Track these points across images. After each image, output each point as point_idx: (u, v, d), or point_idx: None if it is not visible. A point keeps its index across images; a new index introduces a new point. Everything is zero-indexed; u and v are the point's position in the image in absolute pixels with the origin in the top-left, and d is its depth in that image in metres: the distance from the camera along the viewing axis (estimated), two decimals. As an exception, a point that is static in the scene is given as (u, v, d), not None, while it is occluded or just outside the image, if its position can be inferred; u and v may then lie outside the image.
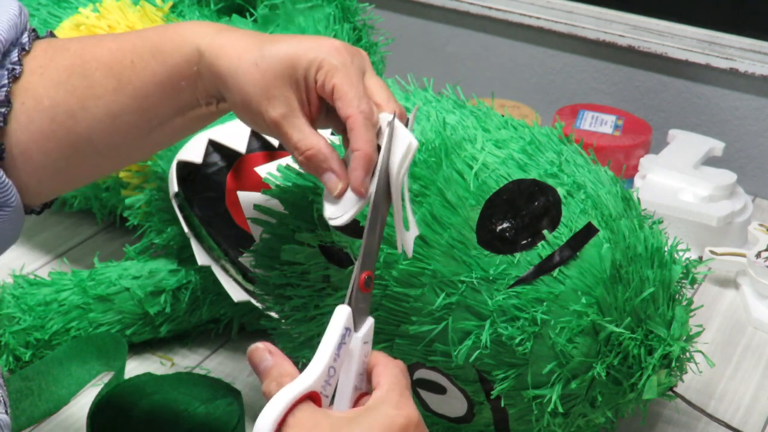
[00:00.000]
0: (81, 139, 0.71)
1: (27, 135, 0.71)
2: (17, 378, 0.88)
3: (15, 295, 0.93)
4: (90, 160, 0.74)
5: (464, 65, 1.51)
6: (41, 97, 0.71)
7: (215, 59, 0.68)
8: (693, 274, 0.81)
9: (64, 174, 0.74)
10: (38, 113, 0.71)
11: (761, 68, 1.29)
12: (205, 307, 0.95)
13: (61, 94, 0.71)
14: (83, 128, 0.71)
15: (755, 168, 1.35)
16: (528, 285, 0.72)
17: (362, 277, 0.64)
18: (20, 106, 0.71)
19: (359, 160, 0.66)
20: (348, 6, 1.04)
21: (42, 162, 0.72)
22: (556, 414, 0.75)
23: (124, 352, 0.90)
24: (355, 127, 0.66)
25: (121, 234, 1.12)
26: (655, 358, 0.75)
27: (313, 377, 0.60)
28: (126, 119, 0.71)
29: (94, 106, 0.71)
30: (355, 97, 0.66)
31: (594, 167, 0.80)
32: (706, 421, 0.89)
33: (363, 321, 0.63)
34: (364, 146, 0.66)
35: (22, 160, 0.71)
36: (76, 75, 0.71)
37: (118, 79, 0.70)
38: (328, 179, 0.68)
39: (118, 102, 0.71)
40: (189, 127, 0.74)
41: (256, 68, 0.67)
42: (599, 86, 1.42)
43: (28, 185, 0.72)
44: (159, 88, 0.70)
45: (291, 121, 0.68)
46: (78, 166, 0.74)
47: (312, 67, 0.67)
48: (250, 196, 0.89)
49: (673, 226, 1.10)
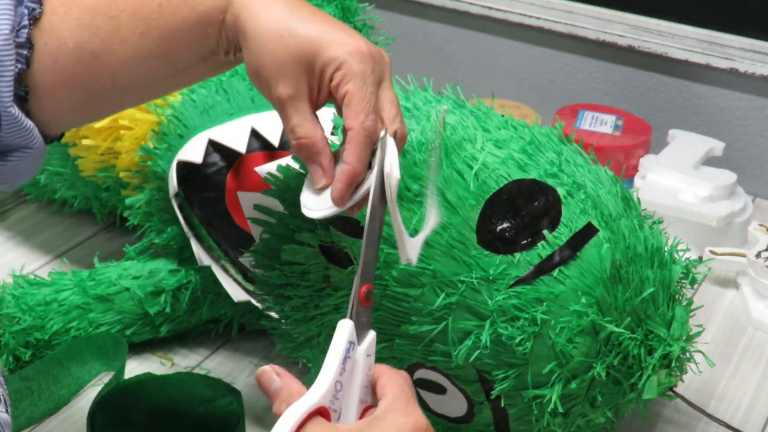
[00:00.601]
0: (105, 80, 0.71)
1: (51, 76, 0.70)
2: (17, 378, 0.88)
3: (15, 295, 0.93)
4: (114, 98, 0.74)
5: (464, 65, 1.51)
6: (65, 38, 0.70)
7: (242, 13, 0.68)
8: (693, 274, 0.81)
9: (88, 109, 0.74)
10: (62, 54, 0.70)
11: (761, 68, 1.29)
12: (205, 307, 0.95)
13: (85, 35, 0.70)
14: (108, 70, 0.71)
15: (755, 168, 1.35)
16: (528, 285, 0.72)
17: (362, 291, 0.64)
18: (43, 46, 0.70)
19: (345, 174, 0.66)
20: (348, 6, 1.04)
21: (67, 100, 0.72)
22: (556, 414, 0.75)
23: (124, 352, 0.90)
24: (353, 141, 0.66)
25: (121, 234, 1.12)
26: (655, 358, 0.75)
27: (320, 393, 0.60)
28: (151, 63, 0.71)
29: (120, 50, 0.70)
30: (362, 111, 0.66)
31: (594, 167, 0.80)
32: (706, 421, 0.89)
33: (365, 334, 0.63)
34: (354, 163, 0.66)
35: (47, 99, 0.71)
36: (101, 16, 0.70)
37: (146, 22, 0.70)
38: (314, 171, 0.68)
39: (144, 46, 0.70)
40: (209, 72, 0.74)
41: (280, 40, 0.67)
42: (599, 86, 1.42)
43: (53, 120, 0.73)
44: (186, 34, 0.70)
45: (296, 103, 0.68)
46: (102, 103, 0.74)
47: (332, 64, 0.67)
48: (250, 196, 0.89)
49: (673, 226, 1.10)
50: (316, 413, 0.59)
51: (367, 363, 0.63)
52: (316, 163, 0.68)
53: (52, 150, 1.07)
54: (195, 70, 0.72)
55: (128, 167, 0.98)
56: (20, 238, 1.13)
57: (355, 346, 0.63)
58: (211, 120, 0.93)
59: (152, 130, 0.96)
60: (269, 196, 0.81)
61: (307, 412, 0.59)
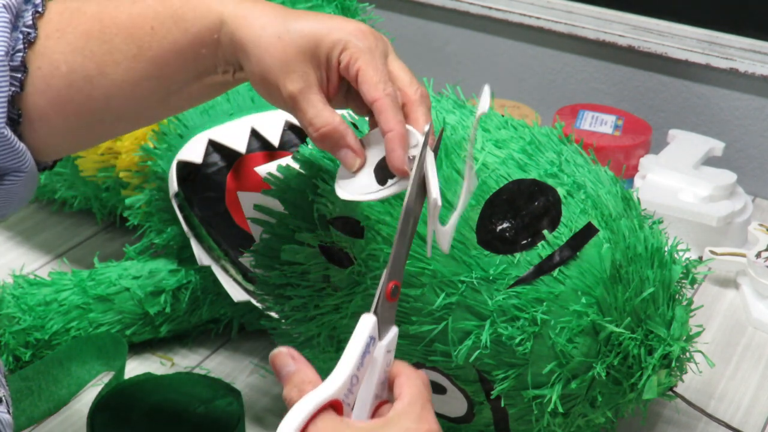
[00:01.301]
0: (99, 104, 0.71)
1: (44, 100, 0.70)
2: (17, 378, 0.88)
3: (15, 295, 0.93)
4: (108, 123, 0.74)
5: (464, 65, 1.51)
6: (58, 62, 0.70)
7: (238, 28, 0.68)
8: (693, 274, 0.81)
9: (82, 135, 0.74)
10: (55, 78, 0.70)
11: (761, 68, 1.29)
12: (205, 307, 0.95)
13: (78, 59, 0.70)
14: (101, 94, 0.71)
15: (755, 168, 1.34)
16: (528, 285, 0.72)
17: (389, 287, 0.63)
18: (36, 70, 0.70)
19: (395, 141, 0.66)
20: (348, 6, 1.04)
21: (60, 125, 0.71)
22: (556, 414, 0.75)
23: (124, 352, 0.90)
24: (384, 109, 0.66)
25: (121, 234, 1.12)
26: (655, 358, 0.75)
27: (336, 385, 0.59)
28: (144, 85, 0.71)
29: (113, 72, 0.70)
30: (380, 81, 0.67)
31: (594, 167, 0.80)
32: (706, 421, 0.89)
33: (387, 330, 0.63)
34: (397, 126, 0.66)
35: (39, 124, 0.71)
36: (94, 40, 0.70)
37: (138, 45, 0.70)
38: (345, 155, 0.68)
39: (138, 68, 0.70)
40: (206, 93, 0.74)
41: (279, 41, 0.67)
42: (599, 86, 1.42)
43: (46, 146, 0.72)
44: (179, 56, 0.70)
45: (307, 96, 0.68)
46: (96, 129, 0.74)
47: (336, 47, 0.67)
48: (250, 196, 0.89)
49: (673, 226, 1.10)
50: (329, 406, 0.59)
51: (386, 359, 0.62)
52: (344, 147, 0.68)
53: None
54: (189, 91, 0.72)
55: (128, 167, 0.98)
56: (20, 238, 1.13)
57: (376, 341, 0.62)
58: (211, 120, 0.93)
59: (152, 130, 0.96)
60: (269, 196, 0.81)
61: (320, 405, 0.58)
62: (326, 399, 0.58)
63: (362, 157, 0.68)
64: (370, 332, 0.61)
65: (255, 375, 0.94)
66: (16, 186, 0.71)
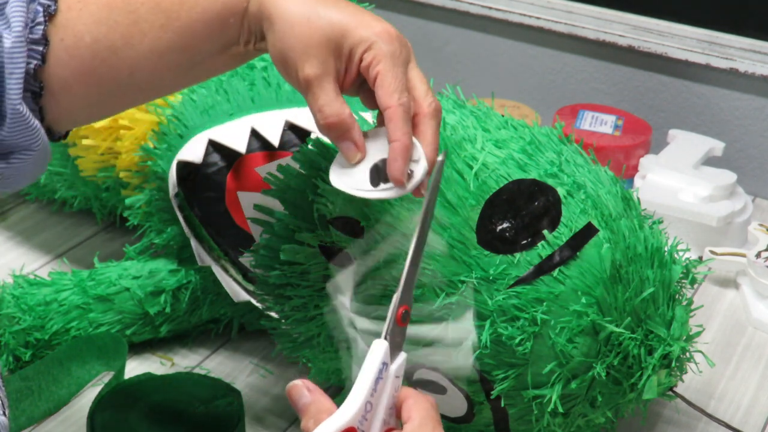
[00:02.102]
0: (123, 74, 0.71)
1: (68, 71, 0.70)
2: (17, 378, 0.88)
3: (15, 295, 0.93)
4: (130, 93, 0.74)
5: (464, 65, 1.51)
6: (82, 33, 0.70)
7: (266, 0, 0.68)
8: (693, 274, 0.81)
9: (103, 105, 0.74)
10: (80, 50, 0.70)
11: (761, 68, 1.29)
12: (205, 307, 0.95)
13: (103, 30, 0.70)
14: (126, 65, 0.71)
15: (755, 168, 1.34)
16: (528, 285, 0.72)
17: (400, 311, 0.63)
18: (59, 42, 0.70)
19: (398, 151, 0.66)
20: (348, 6, 1.04)
21: (82, 95, 0.71)
22: (556, 414, 0.75)
23: (124, 352, 0.90)
24: (394, 118, 0.67)
25: (121, 234, 1.12)
26: (655, 358, 0.75)
27: (351, 413, 0.59)
28: (170, 56, 0.71)
29: (138, 43, 0.70)
30: (396, 90, 0.67)
31: (594, 167, 0.80)
32: (706, 421, 0.89)
33: (396, 355, 0.63)
34: (403, 137, 0.66)
35: (62, 95, 0.71)
36: (118, 10, 0.70)
37: (166, 15, 0.69)
38: (347, 148, 0.69)
39: (165, 39, 0.70)
40: (227, 65, 0.74)
41: (307, 22, 0.67)
42: (599, 86, 1.42)
43: (66, 116, 0.73)
44: (207, 25, 0.70)
45: (322, 83, 0.68)
46: (117, 99, 0.74)
47: (362, 44, 0.68)
48: (250, 196, 0.89)
49: (673, 226, 1.10)
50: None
51: (394, 384, 0.62)
52: (347, 139, 0.68)
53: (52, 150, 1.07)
54: (213, 62, 0.72)
55: (128, 167, 0.98)
56: (20, 238, 1.13)
57: (388, 366, 0.62)
58: (211, 120, 0.93)
59: (152, 130, 0.96)
60: (269, 196, 0.81)
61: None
62: (341, 427, 0.58)
63: (363, 153, 0.69)
64: (383, 358, 0.61)
65: (255, 375, 0.94)
66: (24, 164, 0.71)
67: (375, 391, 0.61)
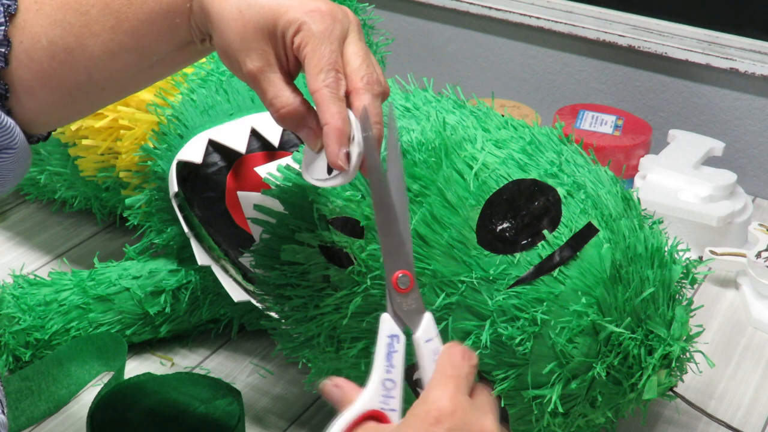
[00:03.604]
0: (81, 76, 0.71)
1: (29, 74, 0.70)
2: (17, 378, 0.88)
3: (15, 295, 0.93)
4: (93, 93, 0.73)
5: (464, 65, 1.51)
6: (39, 35, 0.70)
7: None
8: (693, 274, 0.81)
9: (70, 107, 0.74)
10: (37, 52, 0.70)
11: (761, 68, 1.29)
12: (205, 307, 0.95)
13: (58, 32, 0.70)
14: (82, 66, 0.70)
15: (755, 168, 1.35)
16: (528, 285, 0.72)
17: (394, 278, 0.62)
18: (19, 44, 0.70)
19: (330, 135, 0.64)
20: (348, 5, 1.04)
21: (47, 98, 0.71)
22: (556, 414, 0.75)
23: (124, 352, 0.90)
24: (321, 101, 0.65)
25: (121, 234, 1.12)
26: (655, 358, 0.75)
27: (365, 399, 0.58)
28: (124, 56, 0.70)
29: (92, 44, 0.70)
30: (321, 70, 0.65)
31: (594, 167, 0.80)
32: (706, 421, 0.89)
33: (418, 320, 0.61)
34: (332, 119, 0.64)
35: (27, 97, 0.71)
36: (72, 11, 0.70)
37: (115, 16, 0.69)
38: (306, 136, 0.67)
39: (116, 40, 0.70)
40: (189, 59, 0.73)
41: (240, 15, 0.66)
42: (599, 86, 1.42)
43: (36, 119, 0.72)
44: (155, 26, 0.69)
45: (267, 75, 0.66)
46: (82, 100, 0.74)
47: (291, 27, 0.66)
48: (250, 196, 0.89)
49: (673, 226, 1.10)
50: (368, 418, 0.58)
51: (430, 349, 0.60)
52: (305, 127, 0.67)
53: (52, 150, 1.07)
54: (171, 59, 0.72)
55: (128, 167, 0.98)
56: (20, 238, 1.13)
57: (400, 338, 0.60)
58: (211, 120, 0.93)
59: (152, 130, 0.96)
60: (269, 196, 0.81)
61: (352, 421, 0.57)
62: (356, 414, 0.58)
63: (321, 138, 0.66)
64: (387, 332, 0.60)
65: (255, 375, 0.94)
66: (7, 163, 0.71)
67: (393, 367, 0.59)
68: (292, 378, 0.94)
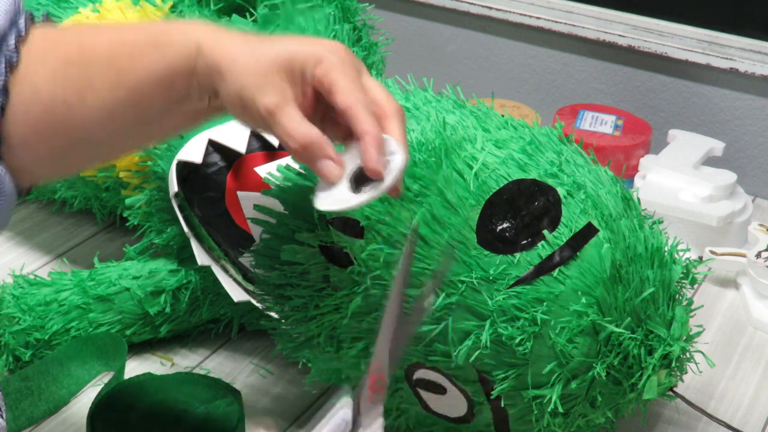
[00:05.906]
0: (78, 131, 0.71)
1: (25, 125, 0.70)
2: (17, 378, 0.88)
3: (15, 295, 0.93)
4: (88, 149, 0.73)
5: (464, 65, 1.51)
6: (39, 88, 0.69)
7: (214, 51, 0.67)
8: (693, 274, 0.81)
9: (63, 161, 0.74)
10: (35, 105, 0.69)
11: (761, 68, 1.29)
12: (205, 307, 0.95)
13: (59, 85, 0.69)
14: (80, 121, 0.70)
15: (755, 168, 1.35)
16: (528, 285, 0.72)
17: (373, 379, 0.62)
18: (17, 96, 0.69)
19: (371, 142, 0.65)
20: (348, 6, 1.04)
21: (41, 150, 0.71)
22: (556, 414, 0.75)
23: (124, 352, 0.90)
24: (357, 114, 0.65)
25: (121, 234, 1.12)
26: (655, 358, 0.75)
27: None
28: (122, 113, 0.70)
29: (92, 100, 0.69)
30: (354, 90, 0.66)
31: (594, 167, 0.80)
32: (706, 421, 0.89)
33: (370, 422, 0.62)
34: (371, 129, 0.65)
35: (20, 148, 0.70)
36: (74, 66, 0.70)
37: (117, 73, 0.69)
38: (325, 166, 0.67)
39: (116, 95, 0.69)
40: (184, 121, 0.73)
41: (254, 59, 0.67)
42: (599, 86, 1.42)
43: (27, 171, 0.72)
44: (156, 84, 0.69)
45: (285, 110, 0.66)
46: (76, 155, 0.73)
47: (311, 60, 0.66)
48: (250, 196, 0.89)
49: (673, 226, 1.10)
50: None
51: None
52: (324, 158, 0.67)
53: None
54: (168, 119, 0.71)
55: (128, 167, 0.98)
56: (20, 238, 1.13)
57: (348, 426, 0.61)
58: (211, 120, 0.93)
59: (152, 130, 0.96)
60: (269, 196, 0.81)
61: None
62: None
63: (343, 166, 0.66)
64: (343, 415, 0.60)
65: (255, 375, 0.94)
66: None
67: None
68: (292, 378, 0.94)
